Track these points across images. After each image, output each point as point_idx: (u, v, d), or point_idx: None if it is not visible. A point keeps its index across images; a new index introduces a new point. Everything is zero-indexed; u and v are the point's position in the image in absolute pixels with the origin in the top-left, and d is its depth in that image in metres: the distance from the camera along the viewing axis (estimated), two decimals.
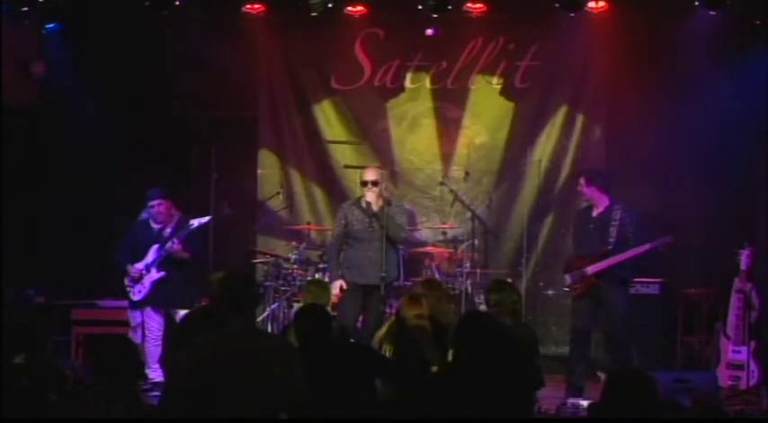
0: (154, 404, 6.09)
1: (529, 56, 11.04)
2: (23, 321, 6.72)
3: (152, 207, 9.33)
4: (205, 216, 9.42)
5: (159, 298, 9.30)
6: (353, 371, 5.83)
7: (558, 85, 11.08)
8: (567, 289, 9.08)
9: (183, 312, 9.24)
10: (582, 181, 9.00)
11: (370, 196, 9.05)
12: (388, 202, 9.13)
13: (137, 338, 9.12)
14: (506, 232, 11.12)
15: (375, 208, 9.02)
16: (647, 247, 8.69)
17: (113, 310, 9.83)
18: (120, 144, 10.78)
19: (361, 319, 9.20)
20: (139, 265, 9.29)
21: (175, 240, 9.21)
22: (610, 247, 8.74)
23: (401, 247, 9.69)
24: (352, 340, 7.90)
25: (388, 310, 8.91)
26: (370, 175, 9.18)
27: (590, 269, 8.77)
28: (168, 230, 9.37)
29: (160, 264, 9.27)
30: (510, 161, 11.15)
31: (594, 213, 8.95)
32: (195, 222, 9.29)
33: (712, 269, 9.86)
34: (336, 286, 9.01)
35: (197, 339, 5.05)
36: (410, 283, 9.85)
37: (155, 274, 9.28)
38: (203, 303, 9.93)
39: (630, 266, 8.83)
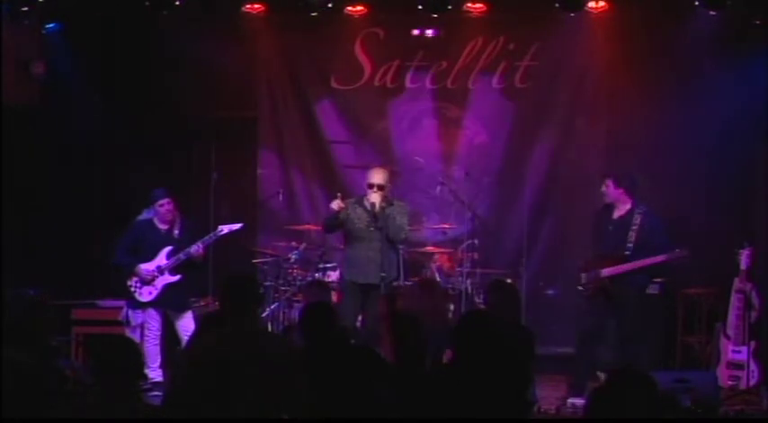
0: (154, 404, 6.10)
1: (529, 56, 11.04)
2: (23, 320, 6.70)
3: (161, 206, 9.27)
4: (236, 223, 9.40)
5: (168, 301, 9.27)
6: (357, 371, 5.83)
7: (558, 85, 11.07)
8: (580, 288, 9.09)
9: (185, 315, 9.27)
10: (609, 182, 9.00)
11: (375, 198, 9.04)
12: (389, 203, 9.12)
13: (135, 338, 9.08)
14: (506, 232, 11.11)
15: (377, 209, 9.01)
16: (660, 258, 8.76)
17: (113, 309, 9.81)
18: (120, 144, 10.78)
19: (360, 318, 9.20)
20: (150, 267, 9.24)
21: (200, 245, 9.17)
22: (627, 253, 8.78)
23: (401, 247, 9.69)
24: (352, 340, 7.89)
25: None
26: (377, 178, 9.10)
27: (605, 271, 8.83)
28: (176, 232, 9.33)
29: (175, 267, 9.24)
30: (510, 161, 11.14)
31: (615, 215, 8.99)
32: (225, 229, 9.28)
33: (712, 269, 9.85)
34: (335, 203, 9.05)
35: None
36: (410, 283, 9.84)
37: (169, 278, 9.23)
38: (203, 304, 10.04)
39: (645, 272, 8.89)
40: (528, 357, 6.66)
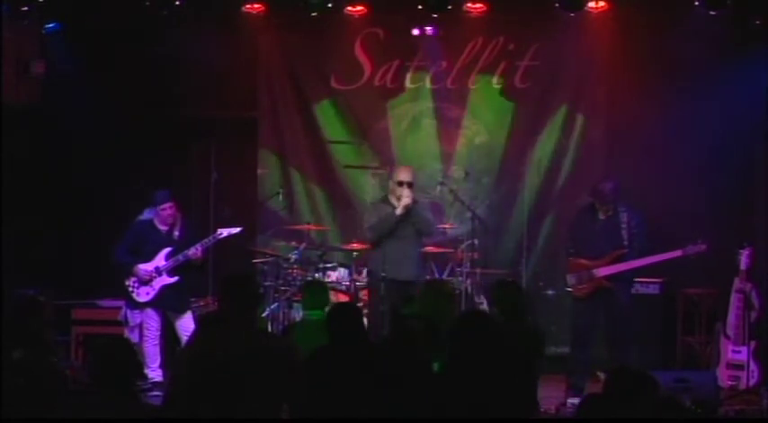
0: (153, 404, 6.10)
1: (529, 56, 11.04)
2: (22, 320, 6.71)
3: (162, 210, 9.25)
4: (235, 227, 9.41)
5: (166, 302, 9.27)
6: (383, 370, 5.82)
7: (558, 85, 11.07)
8: (569, 289, 9.08)
9: (185, 315, 9.27)
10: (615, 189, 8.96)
11: (407, 194, 9.24)
12: (414, 200, 9.34)
13: (134, 338, 9.08)
14: (506, 232, 11.11)
15: (410, 205, 9.23)
16: (677, 253, 8.78)
17: (113, 309, 9.81)
18: (119, 144, 10.78)
19: None
20: (148, 267, 9.23)
21: (199, 247, 9.18)
22: (626, 251, 8.77)
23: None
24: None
25: None
26: (407, 175, 9.38)
27: (602, 271, 8.80)
28: (177, 233, 9.32)
29: (173, 268, 9.24)
30: (510, 161, 11.15)
31: (602, 216, 8.94)
32: (225, 232, 9.30)
33: (712, 269, 9.85)
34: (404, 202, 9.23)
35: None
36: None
37: (167, 279, 9.22)
38: (202, 304, 10.04)
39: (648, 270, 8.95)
40: (532, 356, 6.63)
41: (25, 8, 10.26)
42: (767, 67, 10.04)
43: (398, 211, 9.25)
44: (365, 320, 7.77)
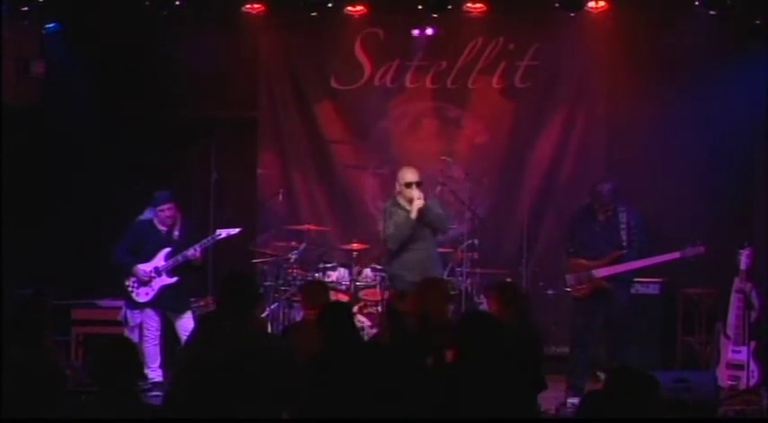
0: (153, 404, 6.10)
1: (529, 56, 11.04)
2: (22, 320, 6.71)
3: (162, 211, 9.26)
4: (235, 228, 9.41)
5: (165, 302, 9.27)
6: (376, 370, 5.82)
7: (558, 85, 11.08)
8: (568, 289, 9.08)
9: (185, 315, 9.27)
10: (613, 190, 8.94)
11: (419, 194, 9.10)
12: (425, 200, 9.24)
13: (134, 338, 9.06)
14: (506, 232, 11.11)
15: (422, 204, 9.08)
16: (675, 255, 8.77)
17: (113, 309, 9.81)
18: (119, 144, 10.78)
19: None
20: (148, 268, 9.23)
21: (197, 248, 9.18)
22: (625, 251, 8.77)
23: None
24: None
25: None
26: (414, 175, 9.21)
27: (601, 271, 8.79)
28: (176, 233, 9.32)
29: (173, 269, 9.24)
30: (510, 161, 11.15)
31: (601, 216, 8.93)
32: (223, 233, 9.30)
33: (712, 269, 9.85)
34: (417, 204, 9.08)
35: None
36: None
37: (166, 279, 9.22)
38: (202, 304, 10.04)
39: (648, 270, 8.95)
40: (532, 359, 6.63)
41: (25, 8, 10.26)
42: (767, 67, 10.04)
43: (413, 215, 9.10)
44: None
